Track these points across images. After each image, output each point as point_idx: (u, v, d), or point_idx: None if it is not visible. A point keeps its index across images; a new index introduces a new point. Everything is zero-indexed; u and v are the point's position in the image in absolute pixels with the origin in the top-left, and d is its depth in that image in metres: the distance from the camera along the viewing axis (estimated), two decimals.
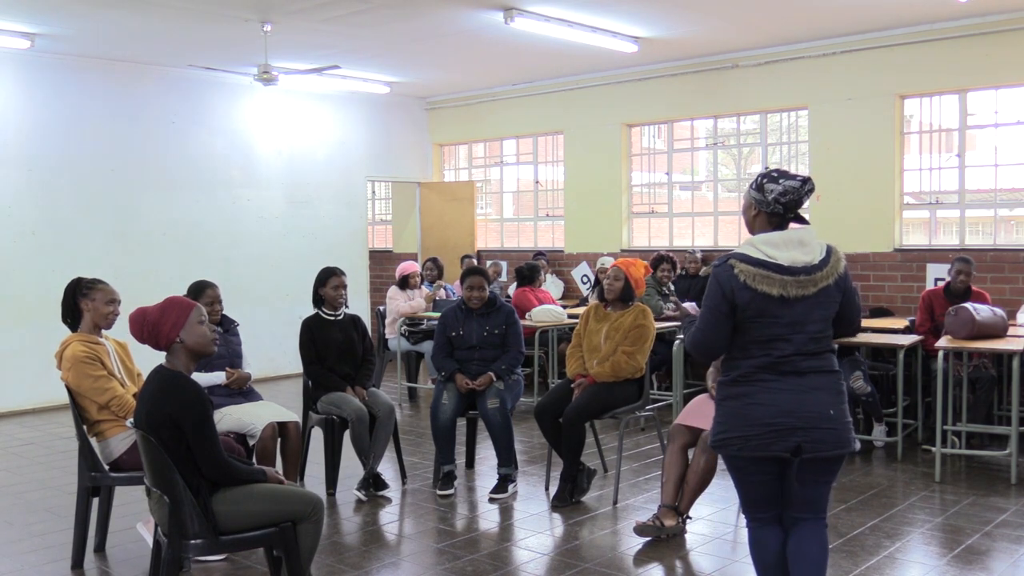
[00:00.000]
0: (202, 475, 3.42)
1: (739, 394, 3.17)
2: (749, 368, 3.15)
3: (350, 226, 11.36)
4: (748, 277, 3.09)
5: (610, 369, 5.38)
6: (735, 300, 3.10)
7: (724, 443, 3.21)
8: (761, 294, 3.08)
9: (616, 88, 10.17)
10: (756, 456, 3.17)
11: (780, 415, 3.10)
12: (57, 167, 8.90)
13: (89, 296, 4.50)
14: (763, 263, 3.11)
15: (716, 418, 3.26)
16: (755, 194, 3.24)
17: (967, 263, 6.78)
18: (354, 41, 8.49)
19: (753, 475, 3.24)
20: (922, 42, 8.10)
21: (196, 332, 3.51)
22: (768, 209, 3.21)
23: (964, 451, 6.40)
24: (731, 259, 3.15)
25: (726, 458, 3.28)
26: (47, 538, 4.93)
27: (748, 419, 3.14)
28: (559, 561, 4.54)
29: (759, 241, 3.17)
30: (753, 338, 3.14)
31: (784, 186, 3.18)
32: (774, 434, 3.11)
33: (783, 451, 3.12)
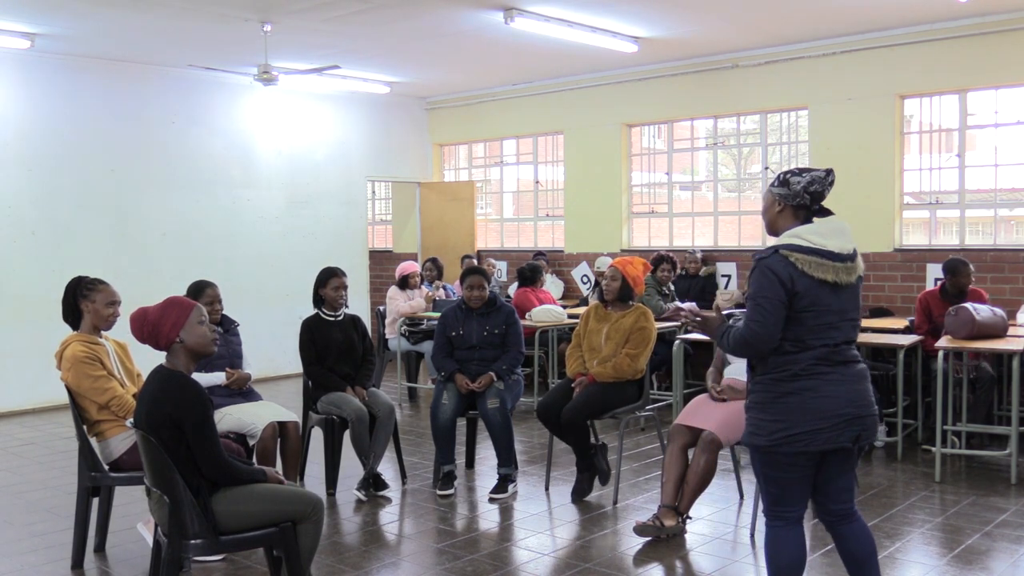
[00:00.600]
0: (202, 475, 3.42)
1: (801, 389, 3.16)
2: (809, 361, 3.17)
3: (350, 226, 11.36)
4: (804, 264, 3.14)
5: (612, 370, 5.38)
6: (794, 288, 3.12)
7: (789, 440, 3.16)
8: (817, 281, 3.14)
9: (616, 88, 10.17)
10: (817, 451, 3.19)
11: (845, 405, 3.18)
12: (57, 167, 8.90)
13: (89, 297, 4.49)
14: (815, 251, 3.16)
15: (772, 416, 3.19)
16: (779, 190, 3.30)
17: (964, 266, 6.73)
18: (354, 41, 8.49)
19: (798, 472, 3.24)
20: (922, 42, 8.10)
21: (196, 332, 3.51)
22: (794, 202, 3.26)
23: (964, 451, 6.41)
24: (781, 250, 3.17)
25: (778, 456, 3.21)
26: (47, 538, 4.94)
27: (817, 413, 3.15)
28: (559, 561, 4.54)
29: (804, 232, 3.21)
30: (808, 328, 3.16)
31: (810, 176, 3.25)
32: (842, 425, 3.18)
33: (847, 441, 3.20)
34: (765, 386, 3.24)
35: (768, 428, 3.20)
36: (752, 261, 3.27)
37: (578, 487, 5.51)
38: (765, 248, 3.27)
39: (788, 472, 3.24)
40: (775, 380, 3.21)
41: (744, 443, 3.38)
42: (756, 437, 3.25)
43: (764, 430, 3.22)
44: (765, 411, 3.22)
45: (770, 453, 3.23)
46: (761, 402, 3.25)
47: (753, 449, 3.30)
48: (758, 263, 3.20)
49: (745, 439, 3.35)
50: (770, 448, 3.21)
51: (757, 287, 3.18)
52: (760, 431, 3.23)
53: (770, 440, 3.20)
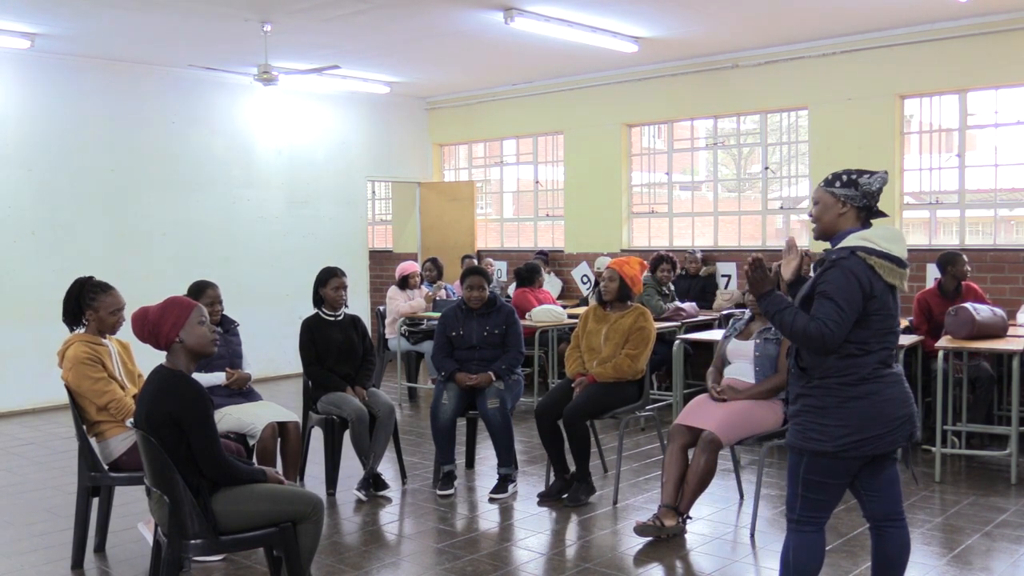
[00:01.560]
0: (202, 475, 3.42)
1: (867, 393, 3.16)
2: (874, 364, 3.18)
3: (350, 226, 11.36)
4: (881, 269, 3.14)
5: (612, 371, 5.38)
6: (872, 292, 3.13)
7: (857, 445, 3.15)
8: (888, 286, 3.17)
9: (616, 88, 10.17)
10: (879, 453, 3.22)
11: (904, 407, 3.24)
12: (57, 167, 8.90)
13: (93, 305, 4.48)
14: (887, 256, 3.16)
15: (837, 421, 3.15)
16: (844, 191, 3.27)
17: (959, 256, 6.72)
18: (354, 41, 8.49)
19: (848, 477, 3.26)
20: (922, 42, 8.10)
21: (196, 332, 3.51)
22: (862, 203, 3.26)
23: (964, 451, 6.41)
24: (857, 252, 3.15)
25: (841, 461, 3.17)
26: (47, 538, 4.94)
27: (884, 416, 3.17)
28: (559, 561, 4.55)
29: (874, 236, 3.20)
30: (874, 332, 3.17)
31: (881, 177, 3.28)
32: (902, 426, 3.22)
33: (904, 440, 3.25)
34: (827, 390, 3.19)
35: (835, 433, 3.16)
36: (826, 260, 3.21)
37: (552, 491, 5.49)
38: (838, 248, 3.21)
39: (840, 478, 3.24)
40: (840, 384, 3.17)
41: (795, 447, 3.26)
42: (820, 443, 3.18)
43: (829, 435, 3.16)
44: (829, 416, 3.17)
45: (835, 458, 3.18)
46: (823, 407, 3.19)
47: (809, 455, 3.21)
48: (836, 263, 3.16)
49: (797, 444, 3.24)
50: (837, 453, 3.17)
51: (835, 287, 3.12)
52: (824, 436, 3.17)
53: (837, 445, 3.16)
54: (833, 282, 3.13)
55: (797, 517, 3.29)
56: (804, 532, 3.28)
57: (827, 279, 3.15)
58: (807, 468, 3.23)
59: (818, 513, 3.28)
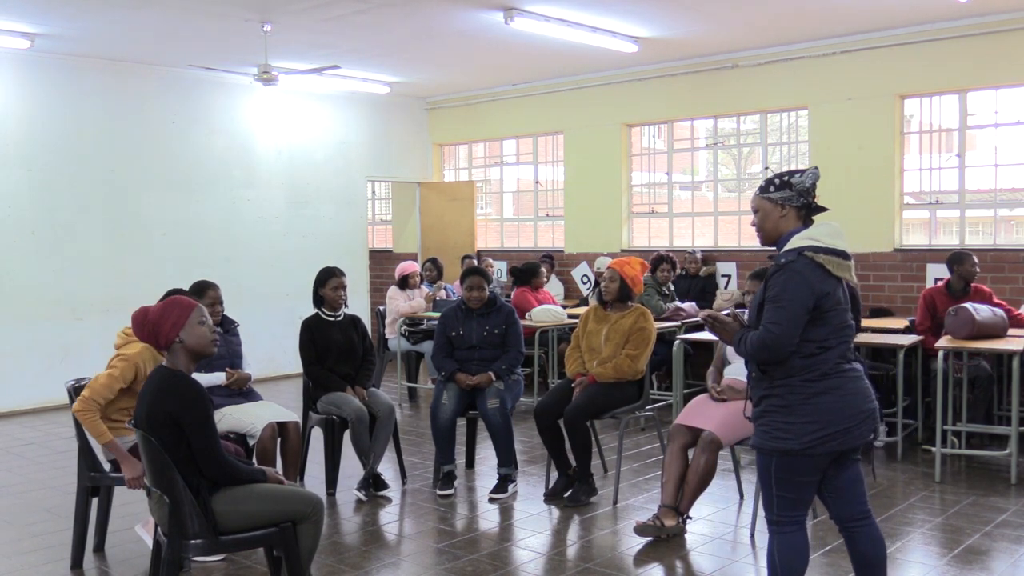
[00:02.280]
0: (202, 475, 3.42)
1: (830, 388, 3.16)
2: (834, 360, 3.18)
3: (350, 226, 11.36)
4: (831, 265, 3.15)
5: (612, 371, 5.38)
6: (822, 290, 3.13)
7: (825, 440, 3.15)
8: (838, 281, 3.18)
9: (616, 88, 10.17)
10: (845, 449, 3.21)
11: (867, 401, 3.24)
12: (57, 167, 8.90)
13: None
14: (834, 251, 3.17)
15: (803, 418, 3.15)
16: (780, 193, 3.28)
17: (968, 256, 6.70)
18: (354, 41, 8.49)
19: (818, 473, 3.25)
20: (922, 42, 8.10)
21: (196, 332, 3.50)
22: (800, 202, 3.27)
23: (964, 451, 6.40)
24: (804, 252, 3.16)
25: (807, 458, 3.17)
26: (47, 538, 4.94)
27: (848, 411, 3.17)
28: (559, 561, 4.55)
29: (817, 234, 3.21)
30: (833, 328, 3.18)
31: (812, 173, 3.28)
32: (867, 420, 3.22)
33: (869, 436, 3.25)
34: (791, 389, 3.18)
35: (800, 430, 3.16)
36: (773, 265, 3.22)
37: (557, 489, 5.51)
38: (785, 252, 3.21)
39: (811, 475, 3.23)
40: (804, 381, 3.17)
41: (763, 447, 3.26)
42: (785, 441, 3.18)
43: (796, 433, 3.16)
44: (795, 413, 3.17)
45: (801, 456, 3.18)
46: (787, 405, 3.19)
47: (778, 454, 3.21)
48: (784, 267, 3.15)
49: (766, 444, 3.23)
50: (804, 451, 3.17)
51: (781, 290, 3.13)
52: (790, 434, 3.17)
53: (804, 442, 3.15)
54: (778, 286, 3.15)
55: (776, 518, 3.29)
56: (785, 533, 3.28)
57: (773, 283, 3.18)
58: (777, 468, 3.24)
59: (795, 512, 3.28)
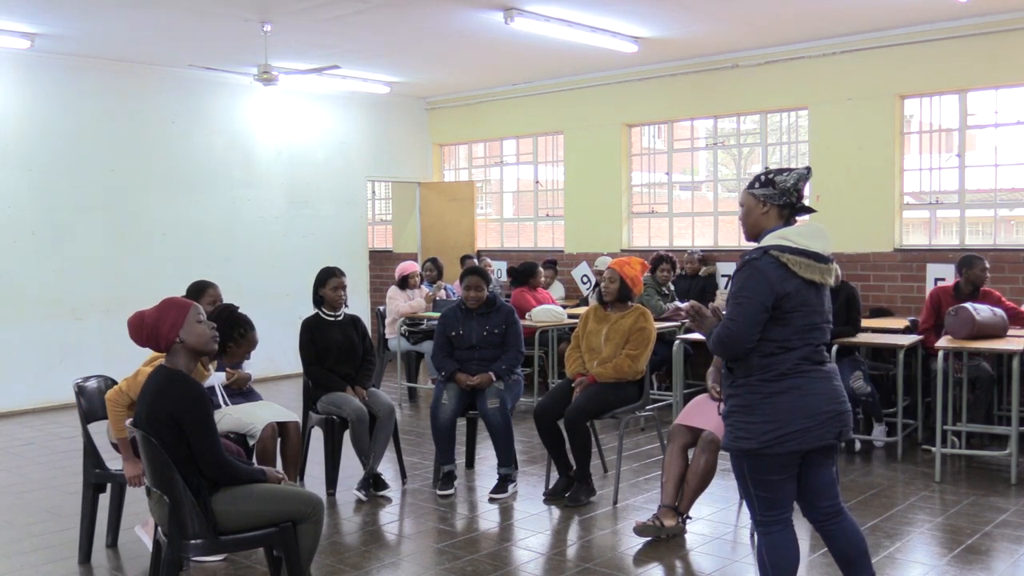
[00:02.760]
0: (202, 475, 3.42)
1: (789, 387, 3.15)
2: (795, 360, 3.17)
3: (350, 226, 11.36)
4: (796, 265, 3.13)
5: (612, 371, 5.38)
6: (783, 289, 3.11)
7: (782, 440, 3.14)
8: (807, 282, 3.15)
9: (616, 88, 10.17)
10: (806, 449, 3.19)
11: (830, 402, 3.20)
12: (57, 167, 8.90)
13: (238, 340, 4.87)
14: (802, 251, 3.15)
15: (761, 418, 3.16)
16: (763, 191, 3.28)
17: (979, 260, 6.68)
18: (354, 41, 8.49)
19: (788, 471, 3.23)
20: (922, 42, 8.10)
21: (195, 331, 3.51)
22: (781, 201, 3.26)
23: (964, 451, 6.40)
24: (770, 251, 3.16)
25: (770, 458, 3.17)
26: (47, 538, 4.94)
27: (807, 411, 3.15)
28: (559, 561, 4.55)
29: (790, 233, 3.20)
30: (796, 329, 3.16)
31: (797, 174, 3.26)
32: (829, 421, 3.19)
33: (832, 438, 3.22)
34: (750, 388, 3.20)
35: (758, 430, 3.17)
36: (740, 261, 3.23)
37: (557, 489, 5.51)
38: (753, 249, 3.23)
39: (779, 473, 3.22)
40: (762, 381, 3.17)
41: (728, 449, 3.30)
42: (745, 441, 3.19)
43: (753, 432, 3.17)
44: (753, 413, 3.18)
45: (760, 456, 3.19)
46: (747, 405, 3.20)
47: (741, 454, 3.24)
48: (747, 263, 3.17)
49: (729, 445, 3.27)
50: (760, 451, 3.17)
51: (740, 286, 3.15)
52: (749, 434, 3.18)
53: (761, 442, 3.16)
54: (739, 282, 3.17)
55: (759, 519, 3.30)
56: (772, 532, 3.28)
57: (735, 280, 3.19)
58: (748, 468, 3.25)
59: (777, 511, 3.27)
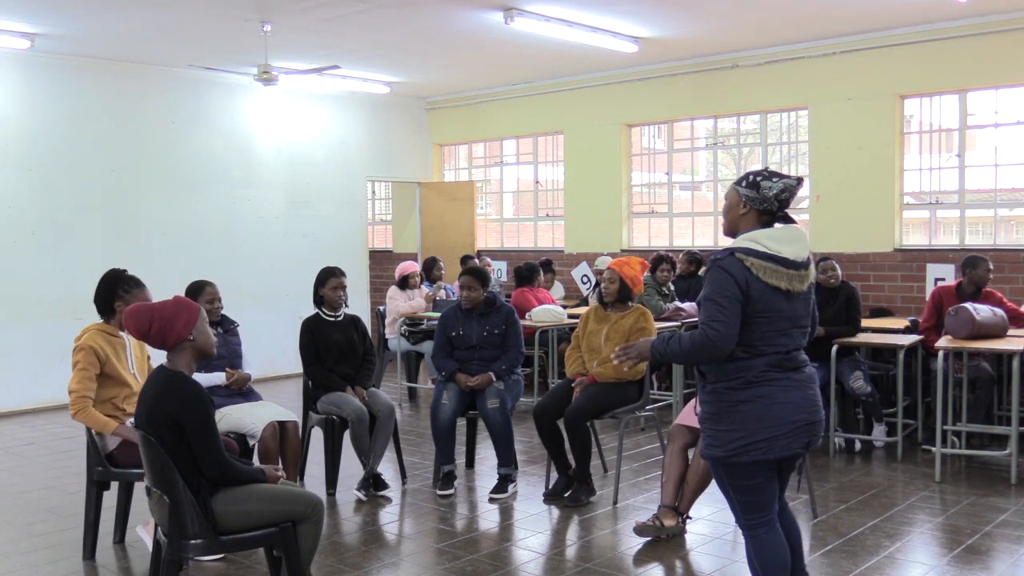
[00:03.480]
0: (202, 475, 3.42)
1: (755, 396, 3.10)
2: (762, 367, 3.11)
3: (350, 226, 11.36)
4: (759, 270, 3.07)
5: (612, 371, 5.37)
6: (748, 292, 3.06)
7: (747, 449, 3.10)
8: (771, 287, 3.08)
9: (616, 88, 10.17)
10: (772, 459, 3.13)
11: (798, 411, 3.13)
12: (57, 167, 8.90)
13: (125, 299, 4.61)
14: (770, 256, 3.09)
15: (727, 426, 3.12)
16: (747, 192, 3.21)
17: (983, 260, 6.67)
18: (354, 41, 8.49)
19: (763, 475, 3.20)
20: (922, 42, 8.10)
21: (205, 332, 3.55)
22: (762, 206, 3.19)
23: (964, 451, 6.40)
24: (736, 253, 3.10)
25: (740, 466, 3.14)
26: (47, 538, 4.94)
27: (772, 420, 3.10)
28: (559, 561, 4.54)
29: (760, 236, 3.14)
30: (760, 335, 3.10)
31: (784, 184, 3.18)
32: (796, 431, 3.13)
33: (800, 447, 3.17)
34: (718, 395, 3.17)
35: (725, 438, 3.14)
36: (708, 263, 3.20)
37: (557, 489, 5.51)
38: (720, 250, 3.20)
39: (755, 478, 3.19)
40: (728, 388, 3.14)
41: (704, 455, 3.29)
42: (714, 449, 3.18)
43: (721, 440, 3.15)
44: (720, 421, 3.15)
45: (730, 464, 3.17)
46: (715, 412, 3.17)
47: (713, 462, 3.23)
48: (713, 264, 3.14)
49: (704, 452, 3.27)
50: (728, 459, 3.15)
51: (714, 287, 3.09)
52: (717, 442, 3.16)
53: (728, 451, 3.14)
54: (711, 283, 3.11)
55: (745, 522, 3.28)
56: (758, 535, 3.26)
57: (706, 281, 3.16)
58: (724, 474, 3.23)
59: (759, 513, 3.25)
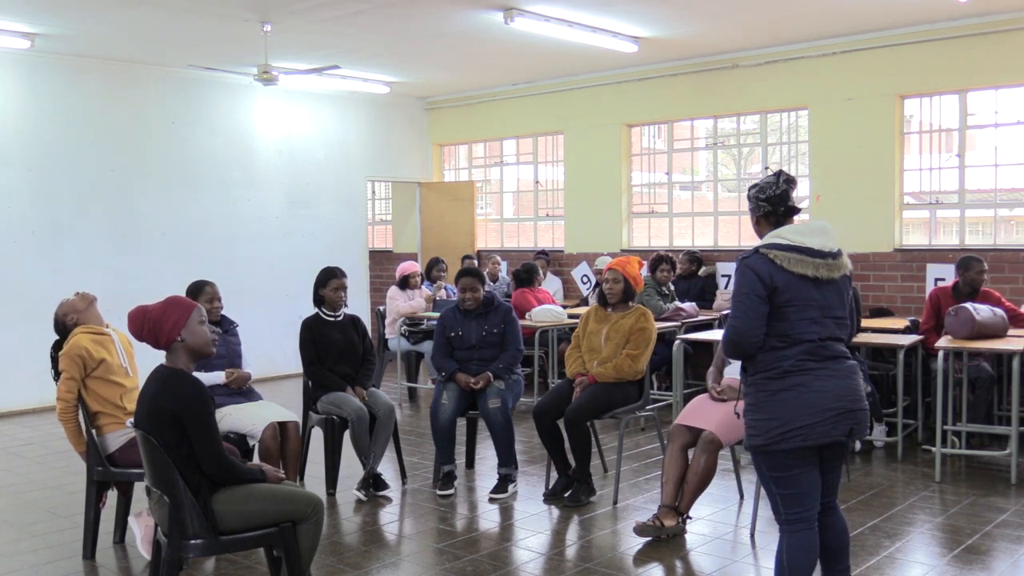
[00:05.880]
0: (202, 473, 3.42)
1: (793, 385, 3.21)
2: (797, 357, 3.22)
3: (350, 226, 11.36)
4: (783, 260, 3.22)
5: (613, 371, 5.38)
6: (774, 283, 3.20)
7: (785, 437, 3.20)
8: (797, 276, 3.22)
9: (616, 88, 10.17)
10: (813, 445, 3.23)
11: (836, 400, 3.23)
12: (57, 167, 8.90)
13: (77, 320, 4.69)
14: (794, 248, 3.24)
15: (766, 415, 3.23)
16: (750, 204, 3.47)
17: (977, 261, 6.69)
18: (354, 41, 8.49)
19: (804, 467, 3.28)
20: (922, 42, 8.10)
21: (197, 332, 3.52)
22: (763, 211, 3.40)
23: (964, 451, 6.40)
24: (760, 249, 3.27)
25: (780, 454, 3.24)
26: (47, 538, 4.94)
27: (809, 408, 3.20)
28: (559, 561, 4.54)
29: (785, 231, 3.30)
30: (792, 323, 3.23)
31: (760, 186, 3.42)
32: (835, 419, 3.23)
33: (841, 435, 3.26)
34: (757, 386, 3.29)
35: (764, 427, 3.24)
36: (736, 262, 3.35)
37: (557, 489, 5.51)
38: (747, 250, 3.36)
39: (794, 469, 3.27)
40: (766, 379, 3.25)
41: (746, 447, 3.39)
42: (754, 438, 3.29)
43: (761, 429, 3.25)
44: (760, 411, 3.26)
45: (770, 453, 3.26)
46: (755, 403, 3.29)
47: (754, 452, 3.33)
48: (739, 263, 3.30)
49: (746, 443, 3.38)
50: (767, 447, 3.24)
51: (738, 285, 3.27)
52: (757, 431, 3.27)
53: (767, 439, 3.23)
54: (736, 281, 3.29)
55: (784, 517, 3.34)
56: (795, 532, 3.32)
57: (733, 282, 3.32)
58: (766, 466, 3.32)
59: (801, 508, 3.31)
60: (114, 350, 4.62)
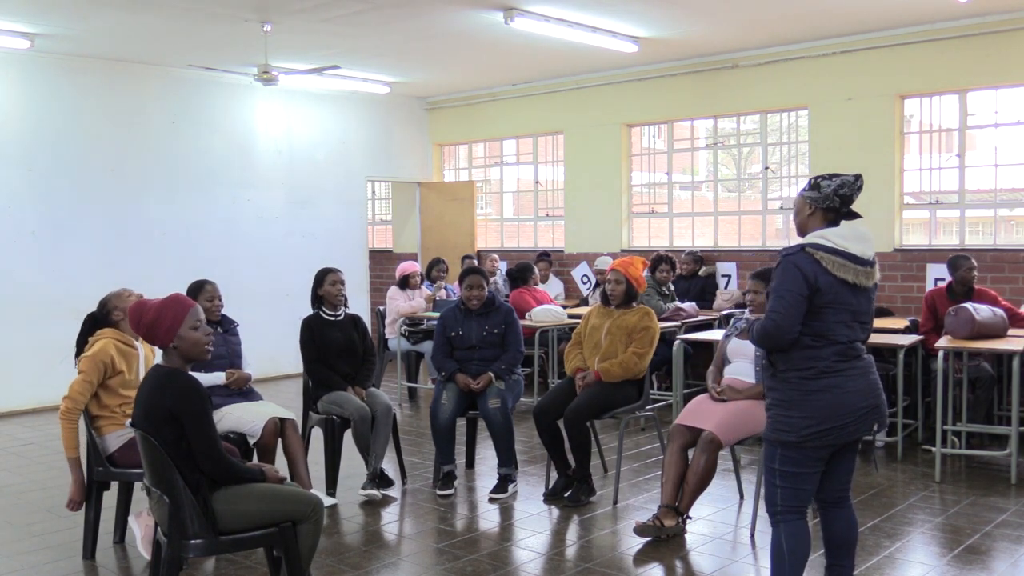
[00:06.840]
0: (202, 472, 3.42)
1: (829, 386, 3.30)
2: (832, 357, 3.30)
3: (350, 226, 11.36)
4: (828, 263, 3.28)
5: (619, 368, 5.36)
6: (817, 285, 3.26)
7: (820, 435, 3.30)
8: (839, 280, 3.28)
9: (616, 88, 10.17)
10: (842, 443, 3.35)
11: (865, 398, 3.35)
12: (57, 167, 8.90)
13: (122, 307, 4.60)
14: (838, 251, 3.30)
15: (801, 413, 3.30)
16: (810, 193, 3.46)
17: (965, 260, 6.74)
18: (354, 41, 8.49)
19: (820, 464, 3.39)
20: (922, 42, 8.10)
21: (189, 338, 3.49)
22: (824, 204, 3.42)
23: (964, 451, 6.40)
24: (806, 248, 3.32)
25: (806, 450, 3.32)
26: (47, 538, 4.94)
27: (844, 408, 3.30)
28: (559, 561, 4.55)
29: (830, 234, 3.34)
30: (828, 325, 3.30)
31: (840, 180, 3.41)
32: (864, 417, 3.35)
33: (867, 431, 3.39)
34: (791, 384, 3.34)
35: (798, 424, 3.32)
36: (779, 256, 3.39)
37: (556, 489, 5.51)
38: (790, 246, 3.40)
39: (813, 466, 3.38)
40: (802, 379, 3.32)
41: (768, 438, 3.45)
42: (785, 433, 3.35)
43: (793, 427, 3.32)
44: (793, 408, 3.33)
45: (799, 448, 3.34)
46: (788, 400, 3.35)
47: (779, 445, 3.38)
48: (784, 258, 3.34)
49: (770, 435, 3.43)
50: (800, 443, 3.32)
51: (780, 280, 3.31)
52: (789, 428, 3.33)
53: (800, 436, 3.31)
54: (778, 276, 3.34)
55: (779, 509, 3.43)
56: (789, 520, 3.42)
57: (774, 275, 3.37)
58: (780, 460, 3.39)
59: (798, 502, 3.42)
60: (135, 366, 4.57)
